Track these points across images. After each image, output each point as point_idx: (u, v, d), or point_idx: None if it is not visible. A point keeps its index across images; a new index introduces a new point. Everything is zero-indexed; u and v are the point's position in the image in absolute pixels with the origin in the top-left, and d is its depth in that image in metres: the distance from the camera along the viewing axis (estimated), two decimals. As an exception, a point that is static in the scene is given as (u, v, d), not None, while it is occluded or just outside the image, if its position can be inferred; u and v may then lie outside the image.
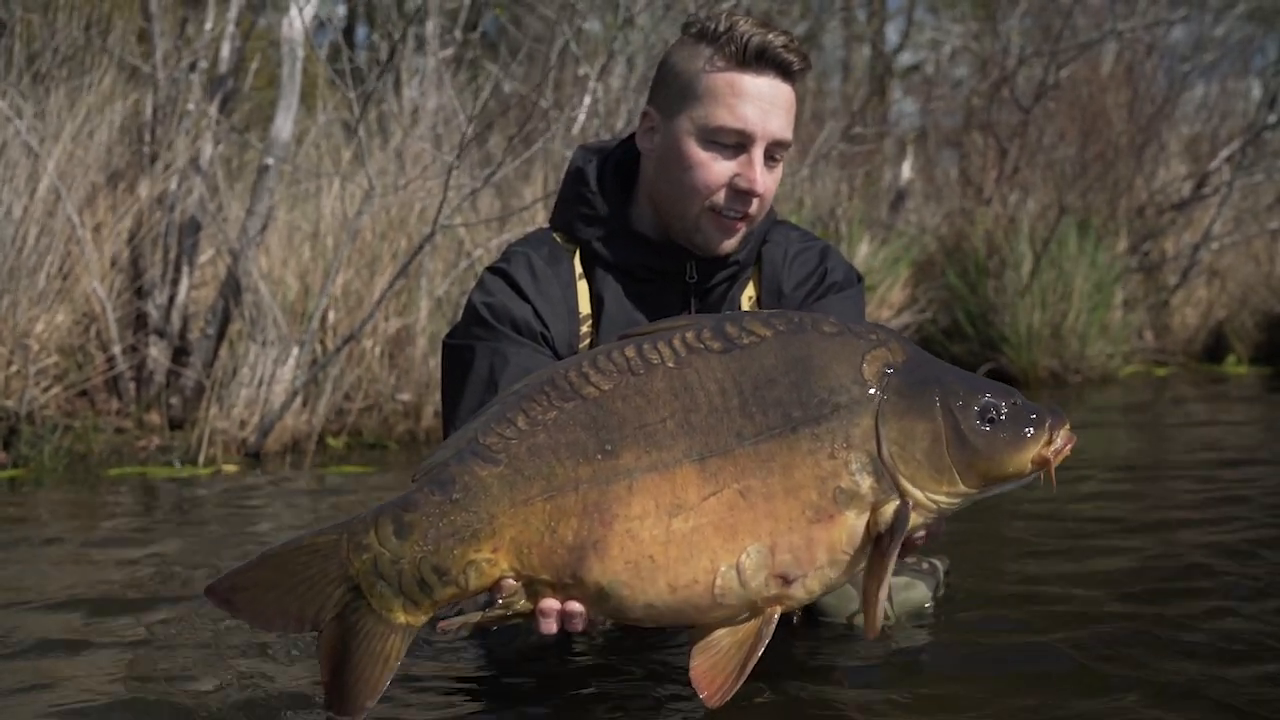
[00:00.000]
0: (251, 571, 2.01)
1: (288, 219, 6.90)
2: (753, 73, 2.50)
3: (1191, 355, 11.07)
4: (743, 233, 2.60)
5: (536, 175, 7.69)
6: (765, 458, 1.99)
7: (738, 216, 2.55)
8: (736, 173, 2.52)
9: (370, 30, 11.38)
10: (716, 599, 1.99)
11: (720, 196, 2.54)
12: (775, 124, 2.51)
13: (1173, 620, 2.81)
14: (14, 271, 5.77)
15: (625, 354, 2.06)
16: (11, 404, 5.70)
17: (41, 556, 3.92)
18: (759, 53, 2.49)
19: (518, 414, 2.02)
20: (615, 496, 1.98)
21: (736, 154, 2.52)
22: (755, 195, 2.53)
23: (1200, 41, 12.36)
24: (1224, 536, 3.72)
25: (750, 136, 2.50)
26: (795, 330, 2.08)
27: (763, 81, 2.50)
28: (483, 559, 1.98)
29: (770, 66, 2.50)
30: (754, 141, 2.51)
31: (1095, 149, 10.56)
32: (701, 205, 2.55)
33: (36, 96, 6.25)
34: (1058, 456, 2.06)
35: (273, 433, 6.04)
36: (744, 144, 2.51)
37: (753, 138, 2.50)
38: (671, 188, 2.58)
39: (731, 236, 2.58)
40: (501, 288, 2.59)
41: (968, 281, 9.94)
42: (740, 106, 2.49)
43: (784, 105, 2.53)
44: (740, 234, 2.59)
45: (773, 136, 2.51)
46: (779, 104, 2.52)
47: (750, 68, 2.50)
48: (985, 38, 11.75)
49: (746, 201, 2.54)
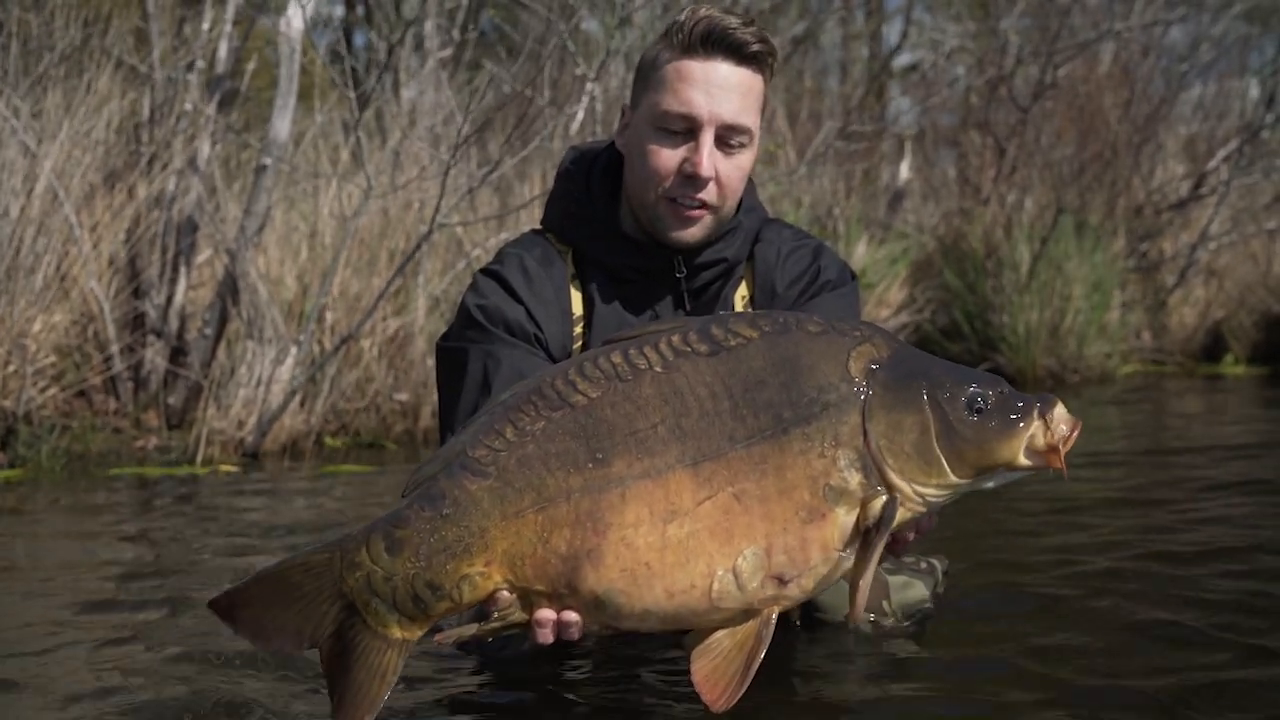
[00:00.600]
0: (249, 589, 2.01)
1: (285, 219, 6.91)
2: (700, 58, 2.49)
3: (1189, 355, 11.08)
4: (705, 222, 2.57)
5: (534, 174, 7.70)
6: (758, 460, 1.99)
7: (693, 205, 2.54)
8: (685, 158, 2.52)
9: (368, 30, 11.37)
10: (714, 603, 1.98)
11: (672, 184, 2.53)
12: (725, 108, 2.50)
13: (1173, 619, 2.81)
14: (11, 271, 5.77)
15: (612, 360, 2.05)
16: (9, 404, 5.70)
17: (38, 556, 3.92)
18: (705, 37, 2.48)
19: (506, 425, 2.01)
20: (608, 505, 1.96)
21: (686, 140, 2.52)
22: (702, 179, 2.51)
23: (1197, 41, 12.37)
24: (1223, 536, 3.73)
25: (695, 120, 2.49)
26: (781, 330, 2.07)
27: (710, 65, 2.49)
28: (475, 573, 1.98)
29: (719, 50, 2.49)
30: (701, 126, 2.49)
31: (1093, 149, 10.58)
32: (656, 193, 2.54)
33: (34, 96, 6.25)
34: (1066, 444, 2.03)
35: (270, 433, 6.04)
36: (693, 129, 2.50)
37: (698, 121, 2.49)
38: (633, 178, 2.59)
39: (689, 225, 2.57)
40: (494, 289, 2.59)
41: (966, 281, 9.95)
42: (685, 91, 2.49)
43: (737, 89, 2.51)
44: (702, 223, 2.57)
45: (721, 120, 2.50)
46: (730, 88, 2.50)
47: (696, 53, 2.49)
48: (983, 37, 11.75)
49: (696, 186, 2.52)
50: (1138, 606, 2.95)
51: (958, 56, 12.43)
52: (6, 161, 5.86)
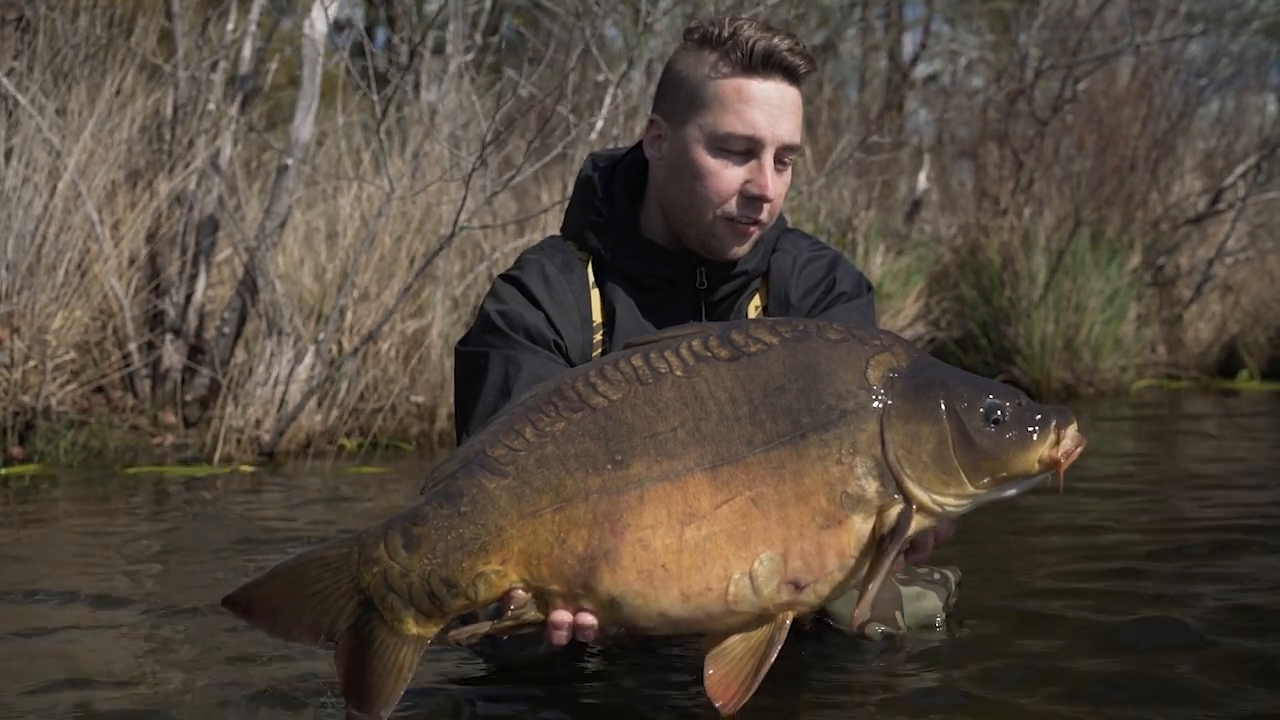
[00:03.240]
0: (266, 584, 2.03)
1: (305, 219, 6.94)
2: (760, 78, 2.49)
3: (1205, 370, 11.06)
4: (754, 237, 2.60)
5: (555, 180, 7.72)
6: (776, 465, 2.00)
7: (750, 222, 2.56)
8: (747, 179, 2.52)
9: (390, 33, 11.41)
10: (730, 606, 2.00)
11: (732, 204, 2.54)
12: (784, 128, 2.51)
13: (1185, 631, 2.81)
14: (33, 267, 5.81)
15: (633, 363, 2.07)
16: (28, 399, 5.74)
17: (55, 552, 3.94)
18: (765, 57, 2.48)
19: (525, 425, 2.03)
20: (626, 506, 1.98)
21: (746, 160, 2.52)
22: (767, 201, 2.54)
23: (1216, 56, 12.35)
24: (1237, 551, 3.72)
25: (760, 142, 2.50)
26: (801, 337, 2.09)
27: (769, 86, 2.50)
28: (491, 571, 1.99)
29: (776, 70, 2.50)
30: (764, 147, 2.51)
31: (1111, 162, 10.56)
32: (714, 213, 2.55)
33: (59, 94, 6.29)
34: (1068, 459, 2.07)
35: (287, 432, 6.06)
36: (754, 150, 2.51)
37: (762, 143, 2.50)
38: (683, 196, 2.58)
39: (745, 241, 2.59)
40: (514, 295, 2.60)
41: (982, 292, 9.95)
42: (749, 113, 2.49)
43: (791, 109, 2.53)
44: (753, 238, 2.60)
45: (782, 141, 2.52)
46: (786, 108, 2.52)
47: (757, 73, 2.49)
48: (1002, 49, 11.75)
49: (758, 208, 2.54)
50: (1150, 620, 2.95)
51: (977, 68, 12.44)
52: (31, 158, 5.91)
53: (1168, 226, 10.96)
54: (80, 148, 6.09)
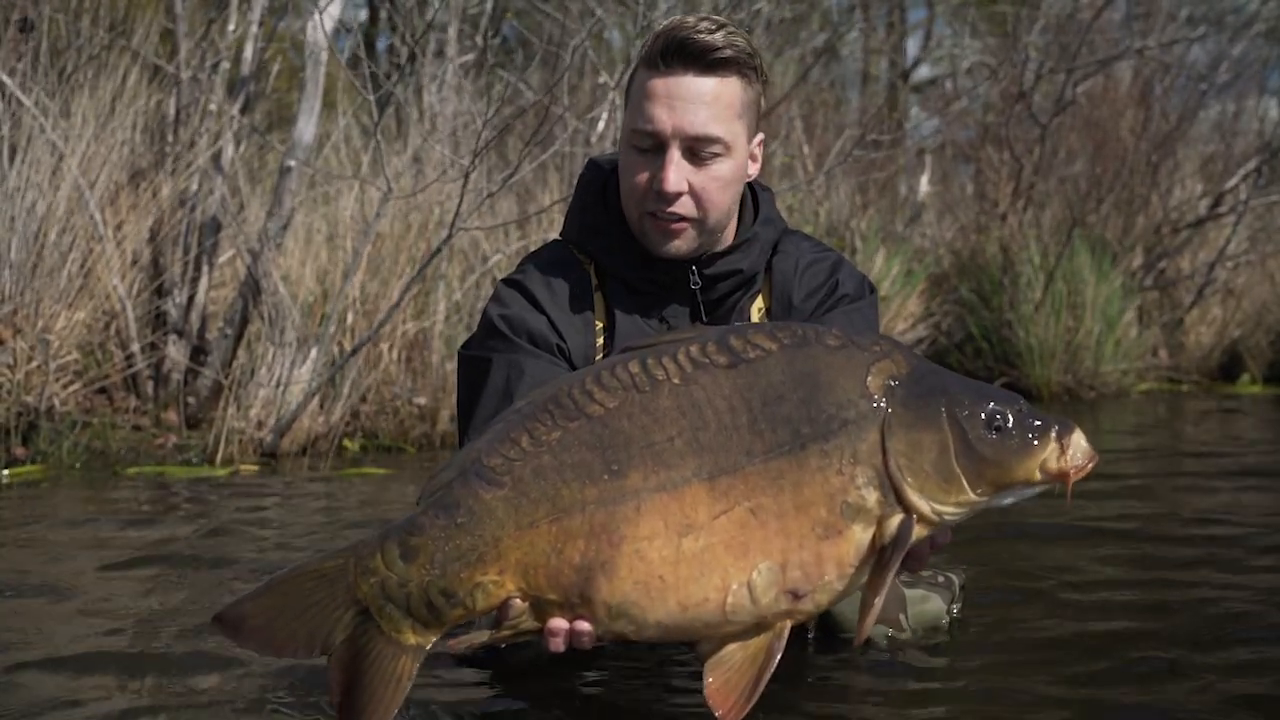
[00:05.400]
0: (260, 598, 2.01)
1: (306, 221, 6.94)
2: (662, 74, 2.50)
3: (1206, 374, 11.07)
4: (689, 235, 2.57)
5: (553, 180, 7.73)
6: (775, 475, 1.99)
7: (671, 218, 2.55)
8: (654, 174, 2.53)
9: (390, 35, 11.42)
10: (727, 616, 1.99)
11: (649, 200, 2.55)
12: (689, 119, 2.49)
13: (1189, 636, 2.82)
14: (36, 268, 5.82)
15: (630, 370, 2.05)
16: (31, 399, 5.75)
17: (56, 553, 3.95)
18: (672, 50, 2.48)
19: (521, 434, 2.02)
20: (623, 517, 1.97)
21: (657, 156, 2.53)
22: (669, 194, 2.51)
23: (1217, 60, 12.36)
24: (1240, 556, 3.72)
25: (659, 136, 2.50)
26: (800, 344, 2.07)
27: (672, 80, 2.49)
28: (489, 581, 1.99)
29: (681, 62, 2.49)
30: (665, 140, 2.51)
31: (1111, 166, 10.57)
32: (639, 210, 2.57)
33: (62, 95, 6.30)
34: (1079, 472, 2.05)
35: (289, 434, 6.07)
36: (660, 145, 2.52)
37: (662, 137, 2.50)
38: (622, 198, 2.62)
39: (672, 239, 2.57)
40: (516, 299, 2.60)
41: (981, 295, 9.95)
42: (649, 108, 2.50)
43: (702, 99, 2.49)
44: (685, 236, 2.57)
45: (685, 133, 2.50)
46: (694, 99, 2.49)
47: (658, 68, 2.50)
48: (1003, 53, 11.75)
49: (667, 200, 2.52)
50: (1153, 624, 2.96)
51: (977, 71, 12.44)
52: (34, 159, 5.92)
53: (1168, 230, 10.96)
54: (83, 148, 6.09)
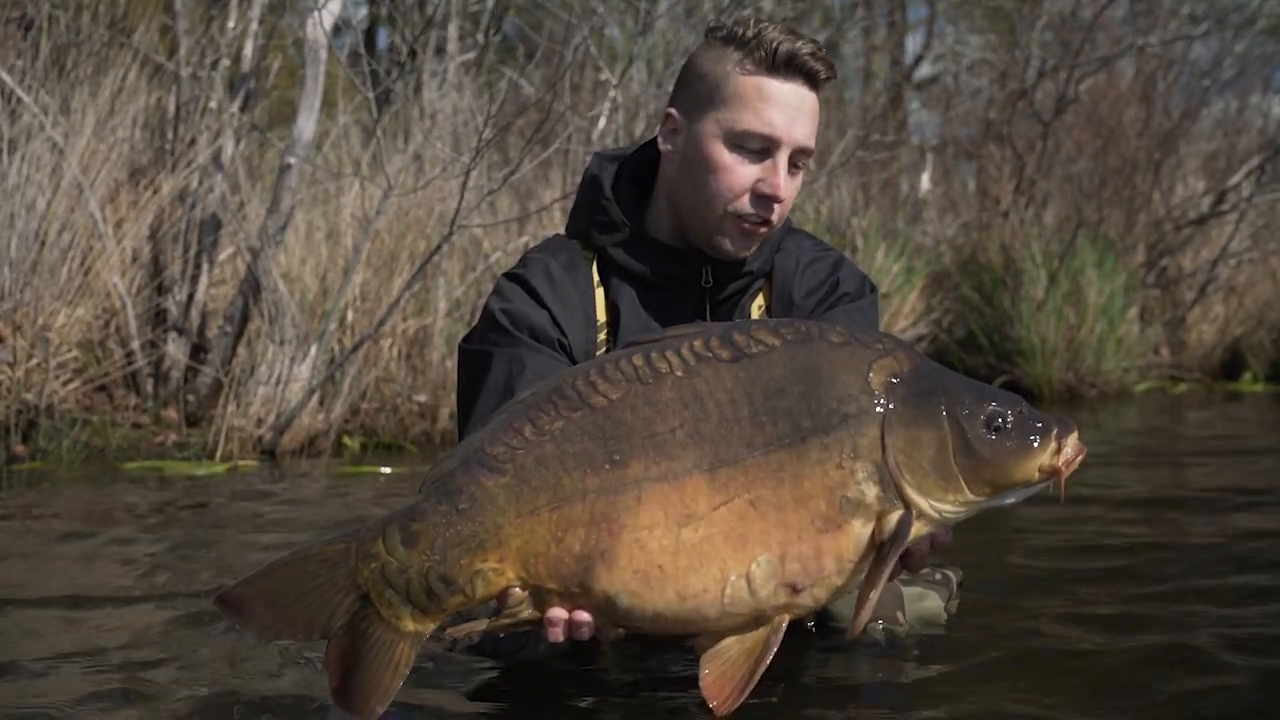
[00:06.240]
0: (261, 581, 2.03)
1: (306, 218, 6.94)
2: (780, 78, 2.50)
3: (1208, 372, 11.06)
4: (759, 238, 2.60)
5: (555, 178, 7.73)
6: (775, 468, 2.00)
7: (759, 222, 2.55)
8: (760, 178, 2.52)
9: (391, 33, 11.42)
10: (725, 608, 2.00)
11: (743, 202, 2.53)
12: (800, 131, 2.51)
13: (1188, 634, 2.81)
14: (36, 265, 5.82)
15: (633, 362, 2.06)
16: (31, 397, 5.75)
17: (56, 550, 3.95)
18: (787, 59, 2.49)
19: (525, 423, 2.03)
20: (624, 507, 1.98)
21: (761, 159, 2.52)
22: (778, 201, 2.53)
23: (1220, 57, 12.35)
24: (1242, 554, 3.72)
25: (776, 142, 2.50)
26: (803, 339, 2.08)
27: (789, 88, 2.50)
28: (489, 568, 2.00)
29: (797, 73, 2.50)
30: (779, 147, 2.50)
31: (1113, 163, 10.57)
32: (724, 209, 2.54)
33: (61, 92, 6.29)
34: (1068, 467, 2.06)
35: (289, 431, 6.07)
36: (769, 149, 2.51)
37: (779, 143, 2.50)
38: (694, 190, 2.57)
39: (752, 242, 2.59)
40: (518, 294, 2.59)
41: (983, 294, 9.95)
42: (767, 111, 2.49)
43: (809, 113, 2.53)
44: (758, 239, 2.60)
45: (797, 143, 2.52)
46: (804, 111, 2.52)
47: (778, 73, 2.49)
48: (1005, 50, 11.76)
49: (769, 208, 2.53)
50: (1152, 623, 2.95)
51: (979, 69, 12.44)
52: (33, 156, 5.91)
53: (1171, 228, 10.96)
54: (83, 145, 6.09)
